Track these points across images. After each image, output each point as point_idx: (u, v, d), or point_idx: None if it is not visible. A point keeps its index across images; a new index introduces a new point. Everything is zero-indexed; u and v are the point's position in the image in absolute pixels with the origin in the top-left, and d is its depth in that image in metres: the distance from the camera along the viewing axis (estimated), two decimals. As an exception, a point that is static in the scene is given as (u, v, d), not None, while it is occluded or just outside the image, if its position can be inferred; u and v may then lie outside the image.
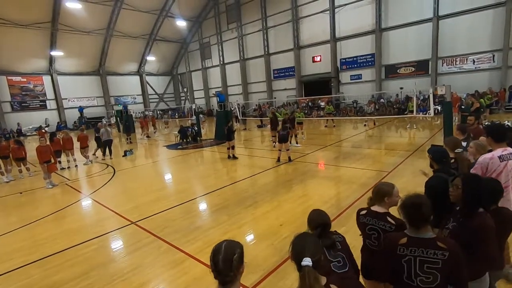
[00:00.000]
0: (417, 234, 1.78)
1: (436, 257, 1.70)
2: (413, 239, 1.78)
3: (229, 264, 1.39)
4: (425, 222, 1.78)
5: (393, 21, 21.52)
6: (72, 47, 30.03)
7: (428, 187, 2.65)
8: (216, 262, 1.40)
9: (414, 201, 1.81)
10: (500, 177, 2.79)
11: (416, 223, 1.80)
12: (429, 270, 1.72)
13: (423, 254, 1.73)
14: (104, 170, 10.66)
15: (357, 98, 23.56)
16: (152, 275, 3.87)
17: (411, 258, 1.76)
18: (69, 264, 4.29)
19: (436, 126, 14.62)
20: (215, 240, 4.59)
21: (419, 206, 1.77)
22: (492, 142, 2.99)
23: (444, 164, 2.85)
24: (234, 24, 32.03)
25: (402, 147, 10.35)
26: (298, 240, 1.55)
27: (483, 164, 2.86)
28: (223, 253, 1.42)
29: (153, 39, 35.33)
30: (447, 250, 1.68)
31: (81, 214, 6.66)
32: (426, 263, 1.72)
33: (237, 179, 8.08)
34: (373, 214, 2.30)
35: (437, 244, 1.71)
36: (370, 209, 2.36)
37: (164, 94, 41.99)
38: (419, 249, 1.74)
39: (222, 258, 1.40)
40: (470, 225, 1.96)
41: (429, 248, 1.72)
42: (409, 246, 1.77)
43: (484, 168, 2.85)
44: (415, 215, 1.79)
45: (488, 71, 18.46)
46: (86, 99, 34.32)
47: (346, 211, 5.27)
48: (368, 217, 2.32)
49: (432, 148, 3.08)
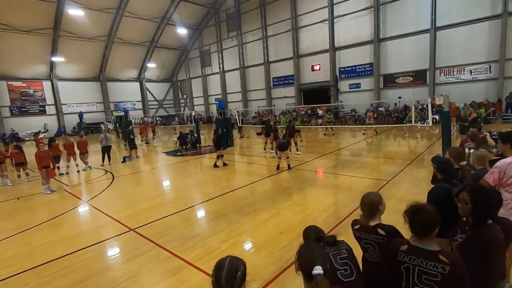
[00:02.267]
0: (419, 244, 1.76)
1: (436, 270, 1.66)
2: (414, 248, 1.76)
3: (232, 281, 1.36)
4: (427, 232, 1.74)
5: (391, 32, 21.86)
6: (73, 53, 30.25)
7: (431, 197, 2.65)
8: (218, 279, 1.36)
9: (414, 207, 1.78)
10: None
11: (417, 232, 1.77)
12: (427, 282, 1.68)
13: (422, 265, 1.70)
14: (102, 176, 10.62)
15: (356, 106, 23.73)
16: (150, 283, 3.83)
17: (409, 266, 1.74)
18: (65, 271, 4.23)
19: (434, 135, 14.70)
20: (215, 248, 4.60)
21: (418, 213, 1.74)
22: (508, 149, 3.03)
23: (448, 175, 2.84)
24: (235, 33, 32.41)
25: (401, 156, 10.38)
26: (305, 249, 1.53)
27: (501, 168, 2.87)
28: (226, 269, 1.38)
29: (154, 46, 35.67)
30: (449, 264, 1.63)
31: (79, 221, 6.61)
32: (424, 274, 1.69)
33: (236, 186, 8.06)
34: (366, 228, 2.25)
35: (439, 257, 1.67)
36: (362, 223, 2.32)
37: (163, 100, 42.16)
38: (418, 259, 1.72)
39: (226, 275, 1.36)
40: (481, 237, 1.94)
41: (429, 259, 1.69)
42: (409, 254, 1.75)
43: (502, 172, 2.86)
44: (414, 222, 1.77)
45: (485, 82, 18.69)
46: (86, 105, 34.38)
47: (345, 220, 5.25)
48: (361, 232, 2.29)
49: (437, 158, 3.05)
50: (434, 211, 1.75)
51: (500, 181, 2.88)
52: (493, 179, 2.89)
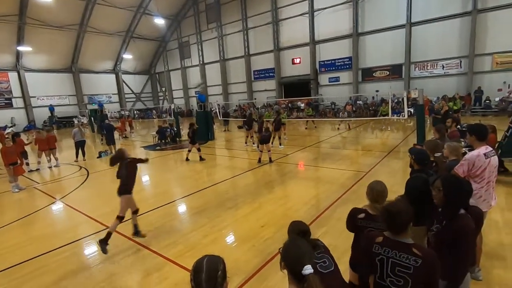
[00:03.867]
0: (394, 237, 1.81)
1: (408, 262, 1.71)
2: (388, 240, 1.81)
3: (213, 282, 1.29)
4: (402, 230, 1.79)
5: (370, 26, 22.29)
6: (42, 42, 28.43)
7: (408, 187, 2.76)
8: (198, 283, 1.28)
9: (391, 210, 1.80)
10: (484, 173, 3.00)
11: (394, 230, 1.82)
12: (400, 274, 1.73)
13: (396, 257, 1.75)
14: (77, 172, 10.16)
15: (335, 100, 24.15)
16: (129, 282, 3.73)
17: (383, 258, 1.79)
18: (38, 273, 4.03)
19: (409, 127, 15.29)
20: (196, 244, 4.54)
21: (396, 216, 1.77)
22: (474, 141, 3.15)
23: (425, 166, 2.94)
24: (214, 24, 31.77)
25: (378, 148, 10.72)
26: (291, 246, 1.46)
27: (470, 160, 3.00)
28: (206, 271, 1.30)
29: (130, 36, 34.26)
30: (421, 257, 1.69)
31: (52, 220, 6.29)
32: (397, 266, 1.74)
33: (217, 180, 7.99)
34: (372, 217, 2.31)
35: (412, 250, 1.72)
36: (368, 213, 2.36)
37: (141, 93, 40.82)
38: (392, 251, 1.77)
39: (206, 278, 1.28)
40: (454, 226, 2.02)
41: (402, 252, 1.74)
42: (384, 246, 1.80)
43: (471, 165, 2.99)
44: (392, 224, 1.81)
45: (456, 76, 19.60)
46: (57, 98, 32.60)
47: (326, 212, 5.36)
48: (367, 221, 2.33)
49: (414, 149, 3.15)
50: (408, 211, 1.79)
51: (469, 173, 3.03)
52: (463, 171, 3.04)
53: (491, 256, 3.61)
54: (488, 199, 3.13)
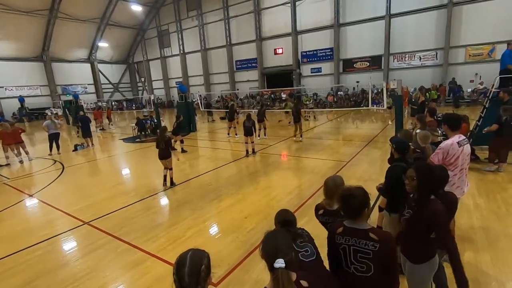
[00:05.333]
0: (353, 225, 1.85)
1: (367, 247, 1.76)
2: (348, 229, 1.85)
3: (197, 277, 1.26)
4: (357, 214, 1.83)
5: (351, 17, 22.44)
6: (7, 28, 26.47)
7: (389, 175, 2.87)
8: (181, 277, 1.25)
9: (344, 194, 1.87)
10: (458, 161, 3.12)
11: (348, 214, 1.87)
12: (362, 260, 1.80)
13: (356, 244, 1.80)
14: (51, 166, 9.69)
15: (317, 90, 24.35)
16: (109, 278, 3.62)
17: (345, 247, 1.84)
18: (8, 274, 3.82)
19: (388, 118, 15.70)
20: (179, 237, 4.47)
21: (348, 198, 1.83)
22: (448, 130, 3.27)
23: (405, 155, 3.04)
24: (194, 12, 30.86)
25: (358, 138, 10.94)
26: (269, 239, 1.46)
27: (444, 149, 3.13)
28: (189, 265, 1.27)
29: (106, 23, 32.61)
30: (378, 241, 1.75)
31: (24, 216, 5.97)
32: (359, 252, 1.80)
33: (200, 172, 7.88)
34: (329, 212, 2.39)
35: (369, 235, 1.77)
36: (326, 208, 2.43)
37: (119, 83, 39.28)
38: (352, 239, 1.82)
39: (188, 272, 1.25)
40: (425, 212, 2.09)
41: (361, 238, 1.79)
42: (344, 235, 1.85)
43: (445, 153, 3.12)
44: (345, 206, 1.87)
45: (432, 68, 20.25)
46: (28, 88, 30.70)
47: (308, 201, 5.42)
48: (326, 216, 2.41)
49: (395, 139, 3.23)
50: (362, 195, 1.84)
51: (444, 161, 3.14)
52: (438, 159, 3.16)
53: (462, 239, 3.79)
54: (462, 186, 3.26)
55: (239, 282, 3.35)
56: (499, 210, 4.61)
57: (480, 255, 3.50)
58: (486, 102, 8.29)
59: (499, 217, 4.39)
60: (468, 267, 3.27)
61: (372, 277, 1.80)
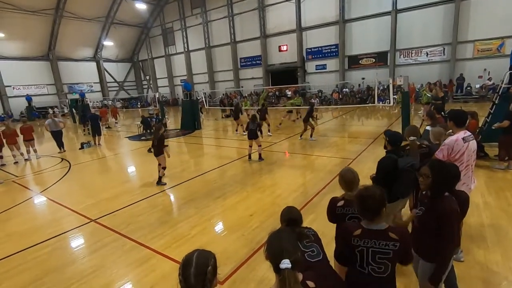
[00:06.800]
0: (370, 226, 1.81)
1: (387, 248, 1.75)
2: (366, 231, 1.82)
3: (202, 278, 1.24)
4: (374, 214, 1.79)
5: (356, 13, 22.17)
6: (15, 28, 26.80)
7: (379, 165, 3.01)
8: (186, 277, 1.23)
9: (362, 194, 1.83)
10: (463, 157, 3.10)
11: (366, 215, 1.83)
12: (380, 261, 1.78)
13: (375, 245, 1.77)
14: (58, 164, 9.80)
15: (322, 87, 24.17)
16: (115, 275, 3.63)
17: (363, 249, 1.81)
18: (17, 270, 3.87)
19: (394, 114, 15.52)
20: (184, 235, 4.47)
21: (367, 199, 1.79)
22: (453, 126, 3.24)
23: (397, 147, 3.11)
24: (199, 10, 30.81)
25: (364, 135, 10.84)
26: (273, 239, 1.42)
27: (449, 145, 3.12)
28: (195, 266, 1.25)
29: (110, 22, 32.78)
30: (398, 241, 1.74)
31: (32, 214, 6.04)
32: (378, 254, 1.77)
33: (204, 170, 7.89)
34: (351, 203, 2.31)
35: (389, 235, 1.76)
36: (346, 199, 2.39)
37: (124, 82, 39.53)
38: (371, 241, 1.78)
39: (194, 273, 1.23)
40: (438, 208, 2.05)
41: (381, 239, 1.76)
42: (363, 238, 1.81)
43: (450, 149, 3.11)
44: (363, 208, 1.82)
45: (439, 64, 19.93)
46: (35, 87, 31.08)
47: (314, 199, 5.38)
48: (347, 207, 2.36)
49: (388, 132, 3.30)
50: (379, 194, 1.79)
51: (449, 157, 3.12)
52: (443, 155, 3.14)
53: (472, 238, 3.73)
54: (468, 183, 3.21)
55: (244, 280, 3.33)
56: (509, 208, 4.52)
57: (490, 254, 3.43)
58: (495, 98, 8.12)
59: (509, 215, 4.31)
60: (478, 266, 3.23)
61: (387, 277, 1.81)
